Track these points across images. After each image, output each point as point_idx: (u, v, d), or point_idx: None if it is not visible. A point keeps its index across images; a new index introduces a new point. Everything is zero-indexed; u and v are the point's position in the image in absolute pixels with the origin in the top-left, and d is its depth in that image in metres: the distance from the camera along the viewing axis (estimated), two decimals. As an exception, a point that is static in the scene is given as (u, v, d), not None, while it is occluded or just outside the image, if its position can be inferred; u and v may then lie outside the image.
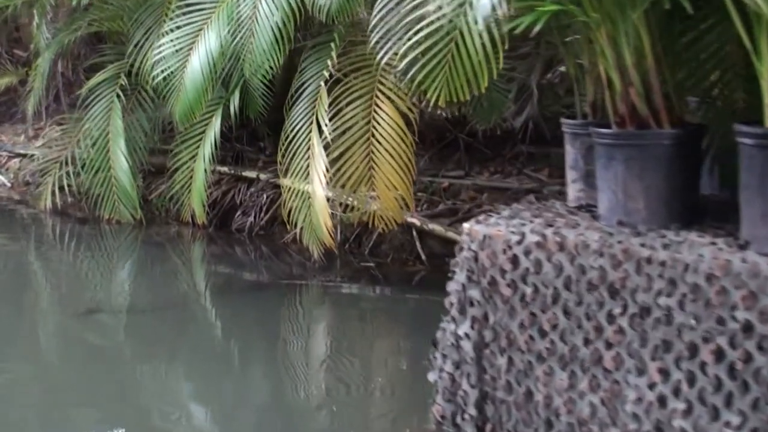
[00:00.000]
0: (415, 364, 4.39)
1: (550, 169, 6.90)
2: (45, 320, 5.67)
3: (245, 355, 4.92)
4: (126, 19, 7.91)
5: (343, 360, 4.91)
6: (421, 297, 5.76)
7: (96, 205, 7.55)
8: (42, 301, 6.20)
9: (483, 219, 3.64)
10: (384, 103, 5.87)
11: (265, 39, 5.94)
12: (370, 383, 4.52)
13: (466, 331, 3.53)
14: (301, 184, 5.95)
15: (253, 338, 5.13)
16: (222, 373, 4.57)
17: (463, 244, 3.61)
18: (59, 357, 4.97)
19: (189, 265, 6.98)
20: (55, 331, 5.43)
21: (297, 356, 5.15)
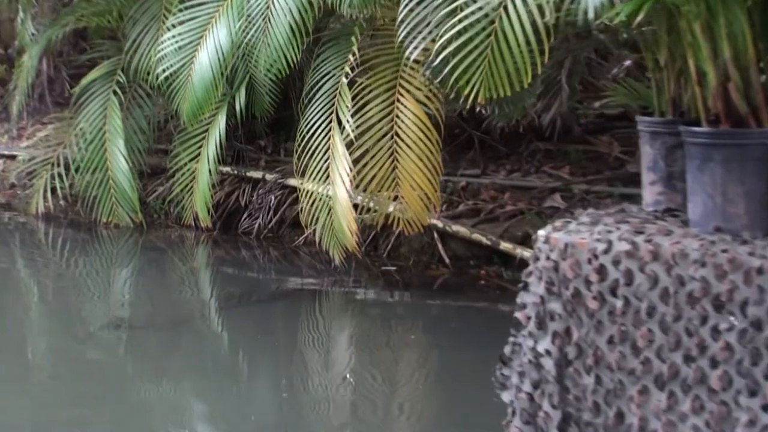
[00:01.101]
0: (474, 381, 4.09)
1: (571, 166, 6.68)
2: (44, 340, 5.21)
3: (266, 374, 4.57)
4: (116, 15, 7.59)
5: (387, 378, 4.59)
6: (453, 304, 5.51)
7: (92, 209, 7.18)
8: (39, 319, 5.71)
9: (561, 225, 3.37)
10: (407, 99, 5.59)
11: (281, 34, 5.62)
12: (427, 404, 4.22)
13: (546, 348, 3.26)
14: (321, 186, 5.64)
15: (274, 354, 4.82)
16: (240, 395, 4.25)
17: (538, 253, 3.34)
18: (61, 379, 4.48)
19: (197, 273, 6.61)
20: (55, 351, 4.96)
21: (331, 375, 4.75)
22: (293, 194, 6.86)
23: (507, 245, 5.73)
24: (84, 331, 5.11)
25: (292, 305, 5.60)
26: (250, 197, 7.05)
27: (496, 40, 4.63)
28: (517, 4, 4.52)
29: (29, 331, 5.34)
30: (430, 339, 5.06)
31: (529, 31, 4.51)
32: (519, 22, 4.53)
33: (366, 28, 5.72)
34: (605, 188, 6.11)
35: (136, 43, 6.89)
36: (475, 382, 4.10)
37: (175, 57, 6.20)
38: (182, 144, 7.01)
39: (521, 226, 5.94)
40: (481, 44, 4.66)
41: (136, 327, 5.00)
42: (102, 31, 8.34)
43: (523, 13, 4.52)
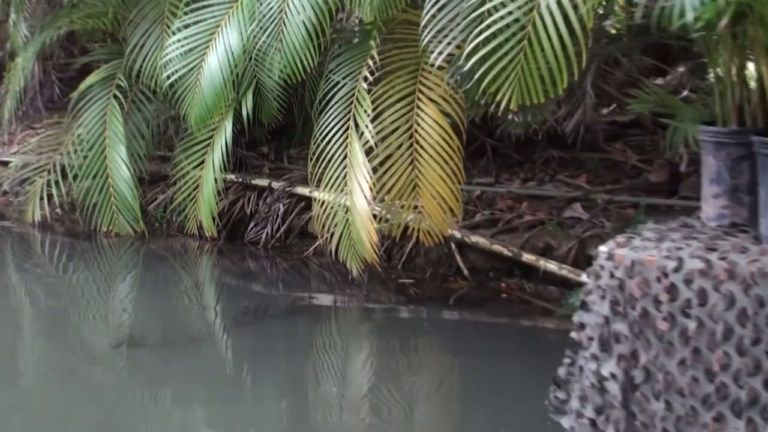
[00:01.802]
0: (526, 404, 3.88)
1: (588, 175, 6.51)
2: (51, 360, 4.79)
3: (283, 402, 4.27)
4: (111, 17, 7.35)
5: (428, 405, 4.33)
6: (476, 319, 5.30)
7: (91, 217, 6.92)
8: (44, 337, 5.29)
9: (624, 241, 3.20)
10: (427, 105, 5.39)
11: (297, 37, 5.40)
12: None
13: (611, 371, 3.09)
14: (338, 195, 5.43)
15: (297, 374, 4.57)
16: (265, 417, 4.00)
17: (600, 270, 3.16)
18: (76, 407, 4.08)
19: (205, 285, 6.33)
20: (65, 374, 4.52)
21: (354, 396, 4.46)
22: (301, 203, 6.67)
23: (529, 257, 5.55)
24: (95, 349, 4.81)
25: (308, 320, 5.35)
26: (255, 206, 6.82)
27: (530, 45, 4.45)
28: (552, 7, 4.37)
29: (34, 350, 5.02)
30: (457, 359, 4.83)
31: (565, 35, 4.36)
32: (554, 25, 4.38)
33: (383, 32, 5.51)
34: (627, 198, 5.94)
35: (138, 46, 6.65)
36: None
37: (181, 61, 5.97)
38: (185, 151, 6.78)
39: (542, 236, 5.76)
40: (513, 49, 4.48)
41: (150, 345, 4.70)
42: (95, 34, 8.12)
43: (558, 16, 4.37)
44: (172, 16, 6.51)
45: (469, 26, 4.77)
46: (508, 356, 4.73)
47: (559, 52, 4.39)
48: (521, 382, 4.27)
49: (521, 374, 4.42)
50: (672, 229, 3.35)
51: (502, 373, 4.46)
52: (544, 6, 4.37)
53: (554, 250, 5.65)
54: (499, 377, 4.40)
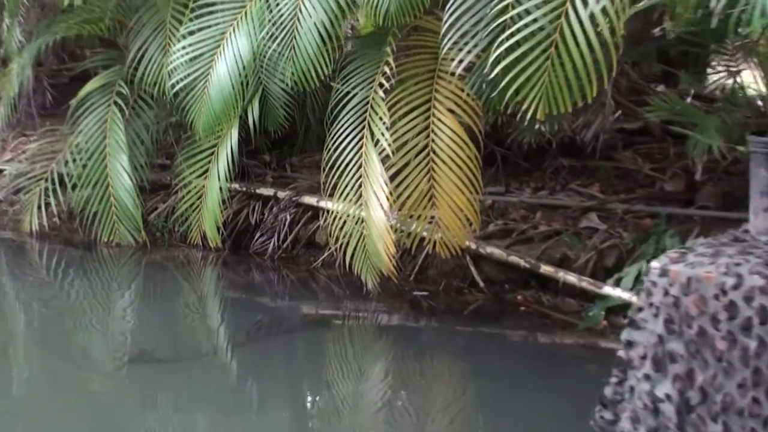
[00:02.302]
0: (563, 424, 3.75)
1: (600, 184, 6.40)
2: (62, 378, 4.54)
3: (306, 422, 4.14)
4: (108, 23, 7.19)
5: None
6: (495, 332, 5.17)
7: (90, 227, 6.73)
8: (51, 353, 4.99)
9: (678, 257, 3.08)
10: (443, 113, 5.28)
11: (311, 43, 5.26)
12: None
13: (666, 392, 2.97)
14: (352, 207, 5.29)
15: (316, 390, 4.44)
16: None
17: (653, 287, 3.04)
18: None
19: (213, 298, 6.15)
20: (78, 392, 4.32)
21: (378, 414, 4.31)
22: (308, 212, 6.53)
23: (548, 268, 5.43)
24: (104, 366, 4.62)
25: (324, 336, 5.20)
26: (260, 215, 6.67)
27: (557, 53, 4.36)
28: (580, 13, 4.26)
29: (45, 367, 4.78)
30: (479, 376, 4.68)
31: (594, 41, 4.26)
32: (582, 32, 4.28)
33: (398, 38, 5.38)
34: (644, 208, 5.83)
35: (140, 52, 6.48)
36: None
37: (188, 68, 5.81)
38: (187, 159, 6.62)
39: (558, 247, 5.64)
40: (540, 57, 4.38)
41: (163, 360, 4.53)
42: (90, 40, 7.96)
43: (587, 23, 4.27)
44: (176, 22, 6.36)
45: (491, 33, 4.72)
46: (532, 372, 4.62)
47: (588, 60, 4.30)
48: (553, 402, 4.15)
49: (552, 393, 4.32)
50: (725, 244, 3.24)
51: (533, 393, 4.35)
52: (572, 12, 4.29)
53: (571, 261, 5.54)
54: (531, 398, 4.28)
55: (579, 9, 4.26)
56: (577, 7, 4.26)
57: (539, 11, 4.35)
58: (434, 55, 5.43)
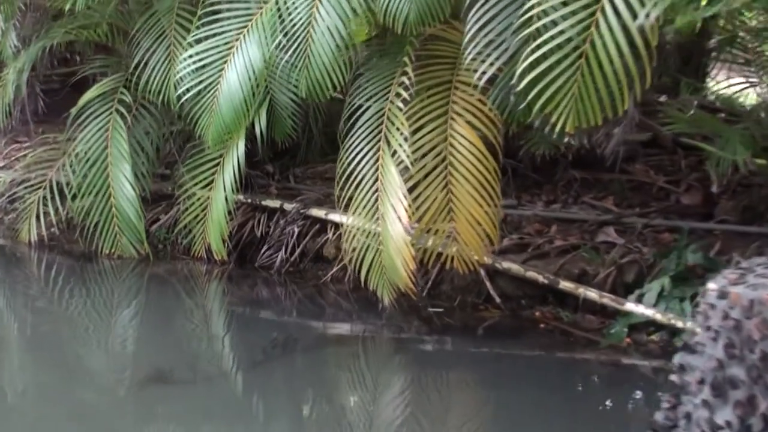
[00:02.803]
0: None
1: (614, 197, 6.30)
2: (75, 400, 4.31)
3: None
4: (106, 28, 7.02)
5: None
6: (525, 353, 5.01)
7: (91, 238, 6.54)
8: (63, 372, 4.70)
9: (737, 277, 2.95)
10: (461, 125, 5.14)
11: (326, 52, 5.11)
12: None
13: (727, 419, 2.83)
14: (369, 220, 5.13)
15: (338, 413, 4.27)
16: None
17: (711, 310, 2.91)
18: None
19: (223, 314, 5.94)
20: (94, 416, 4.10)
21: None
22: (315, 225, 6.37)
23: (567, 284, 5.31)
24: (118, 387, 4.42)
25: (341, 354, 5.05)
26: (266, 228, 6.51)
27: (587, 64, 4.24)
28: (611, 23, 4.14)
29: (58, 386, 4.51)
30: (500, 397, 4.54)
31: (626, 52, 4.14)
32: (614, 42, 4.16)
33: (415, 47, 5.24)
34: (664, 222, 5.72)
35: (144, 60, 6.30)
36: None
37: (197, 77, 5.64)
38: (191, 170, 6.44)
39: (576, 262, 5.52)
40: (569, 69, 4.26)
41: (181, 381, 4.32)
42: (86, 45, 7.81)
43: (619, 33, 4.15)
44: (181, 29, 6.20)
45: (516, 44, 4.60)
46: (558, 391, 4.49)
47: (620, 71, 4.18)
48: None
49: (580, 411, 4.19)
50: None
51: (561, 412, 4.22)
52: (602, 23, 4.17)
53: (590, 276, 5.42)
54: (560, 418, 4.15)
55: (610, 19, 4.14)
56: (608, 16, 4.15)
57: (566, 22, 4.23)
58: (451, 64, 5.31)
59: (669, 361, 4.73)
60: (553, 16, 4.28)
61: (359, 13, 5.08)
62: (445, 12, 4.92)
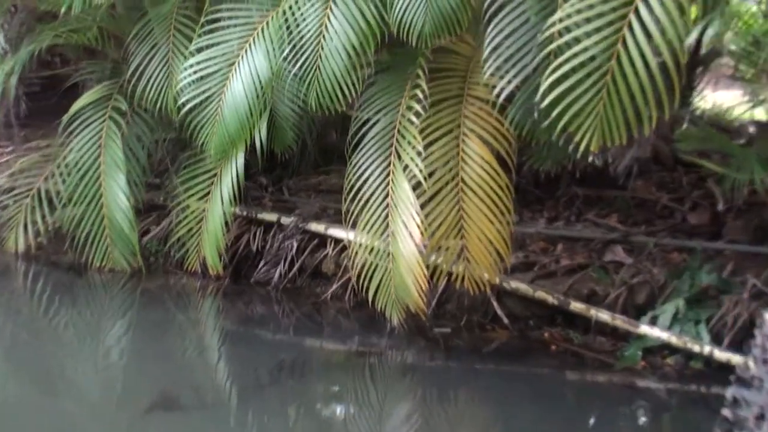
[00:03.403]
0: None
1: (618, 214, 6.21)
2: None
3: None
4: (97, 32, 6.83)
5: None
6: (540, 373, 4.90)
7: (81, 250, 6.32)
8: (62, 397, 4.51)
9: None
10: (473, 140, 5.02)
11: (338, 63, 4.96)
12: None
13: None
14: (376, 238, 4.99)
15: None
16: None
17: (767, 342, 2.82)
18: None
19: (224, 334, 5.74)
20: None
21: None
22: (314, 240, 6.21)
23: (578, 305, 5.21)
24: (123, 414, 4.22)
25: (352, 376, 4.91)
26: (262, 242, 6.33)
27: (613, 81, 4.14)
28: (639, 40, 4.04)
29: (44, 410, 4.31)
30: (516, 421, 4.43)
31: (655, 69, 4.04)
32: (642, 59, 4.06)
33: (430, 60, 5.11)
34: (675, 242, 5.62)
35: (140, 66, 6.11)
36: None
37: (199, 86, 5.47)
38: (187, 181, 6.26)
39: (585, 282, 5.42)
40: (594, 87, 4.16)
41: (188, 407, 4.12)
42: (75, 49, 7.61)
43: (647, 50, 4.05)
44: (180, 36, 6.02)
45: (536, 59, 4.49)
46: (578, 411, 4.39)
47: (647, 89, 4.09)
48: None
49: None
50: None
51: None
52: (630, 40, 4.07)
53: (600, 297, 5.33)
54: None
55: (638, 35, 4.05)
56: (635, 33, 4.05)
57: (590, 39, 4.13)
58: (461, 78, 5.20)
59: (685, 385, 4.73)
60: (575, 32, 4.18)
61: (372, 25, 4.94)
62: (462, 25, 4.80)
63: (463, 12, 4.75)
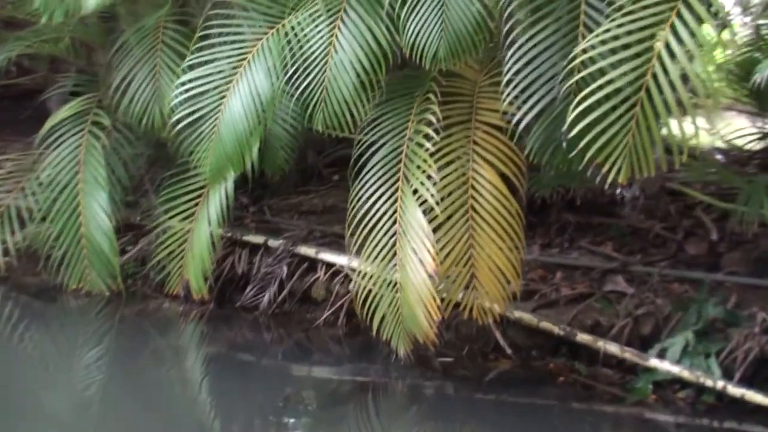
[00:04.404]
0: None
1: (613, 242, 6.13)
2: None
3: None
4: (68, 43, 6.56)
5: None
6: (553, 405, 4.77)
7: (56, 271, 6.00)
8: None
9: None
10: (482, 166, 4.90)
11: (347, 84, 4.79)
12: None
13: None
14: (383, 267, 4.81)
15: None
16: None
17: None
18: None
19: (213, 366, 5.41)
20: None
21: None
22: (303, 264, 6.00)
23: (585, 337, 5.10)
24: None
25: (356, 409, 4.70)
26: (247, 265, 6.10)
27: (642, 113, 4.05)
28: (669, 70, 3.96)
29: None
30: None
31: (686, 101, 3.95)
32: (671, 89, 3.98)
33: (441, 84, 4.97)
34: (681, 272, 5.53)
35: (125, 80, 5.84)
36: None
37: (194, 103, 5.23)
38: (169, 201, 5.99)
39: (588, 312, 5.31)
40: (622, 118, 4.06)
41: None
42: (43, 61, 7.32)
43: (677, 80, 3.96)
44: (169, 49, 5.79)
45: (557, 88, 4.39)
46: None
47: (678, 119, 4.00)
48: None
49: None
50: None
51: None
52: (660, 71, 3.98)
53: (604, 327, 5.22)
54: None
55: (668, 67, 3.96)
56: (666, 64, 3.97)
57: (615, 71, 4.03)
58: (468, 103, 5.08)
59: (696, 418, 4.66)
60: (600, 64, 4.08)
61: (384, 46, 4.78)
62: (479, 49, 4.67)
63: (480, 35, 4.62)
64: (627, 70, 4.03)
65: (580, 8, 4.39)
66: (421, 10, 4.66)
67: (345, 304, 5.62)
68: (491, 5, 4.56)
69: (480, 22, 4.57)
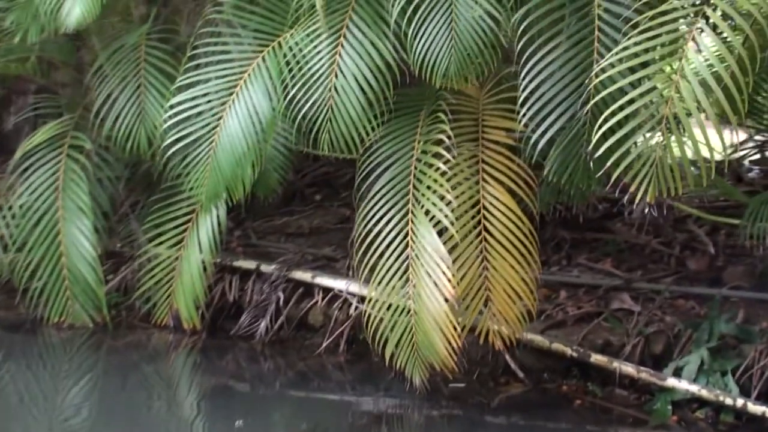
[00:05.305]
0: None
1: (611, 259, 6.04)
2: None
3: None
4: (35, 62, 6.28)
5: None
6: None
7: (35, 304, 5.68)
8: None
9: None
10: (493, 186, 4.75)
11: (353, 104, 4.61)
12: None
13: None
14: (395, 293, 4.63)
15: None
16: None
17: None
18: None
19: (215, 400, 5.05)
20: None
21: None
22: (298, 289, 5.78)
23: (600, 358, 4.98)
24: None
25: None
26: (238, 292, 5.86)
27: (669, 130, 3.95)
28: (695, 88, 3.85)
29: None
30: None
31: (714, 118, 3.86)
32: (698, 110, 3.89)
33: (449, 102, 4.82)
34: (688, 289, 5.46)
35: (109, 100, 5.57)
36: None
37: (187, 126, 5.00)
38: (155, 227, 5.72)
39: (598, 332, 5.20)
40: (649, 134, 3.96)
41: None
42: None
43: (702, 98, 3.87)
44: (153, 69, 5.54)
45: (572, 105, 4.28)
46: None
47: (706, 138, 3.91)
48: None
49: None
50: None
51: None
52: (685, 88, 3.87)
53: (615, 347, 5.11)
54: None
55: (694, 84, 3.86)
56: (689, 80, 3.86)
57: (636, 91, 3.91)
58: (474, 121, 4.94)
59: (718, 439, 4.59)
60: (621, 83, 3.97)
61: (391, 63, 4.62)
62: (492, 66, 4.52)
63: (492, 52, 4.48)
64: (649, 88, 3.93)
65: (594, 24, 4.30)
66: (430, 26, 4.49)
67: (345, 329, 5.42)
68: (503, 22, 4.44)
69: (492, 39, 4.43)
